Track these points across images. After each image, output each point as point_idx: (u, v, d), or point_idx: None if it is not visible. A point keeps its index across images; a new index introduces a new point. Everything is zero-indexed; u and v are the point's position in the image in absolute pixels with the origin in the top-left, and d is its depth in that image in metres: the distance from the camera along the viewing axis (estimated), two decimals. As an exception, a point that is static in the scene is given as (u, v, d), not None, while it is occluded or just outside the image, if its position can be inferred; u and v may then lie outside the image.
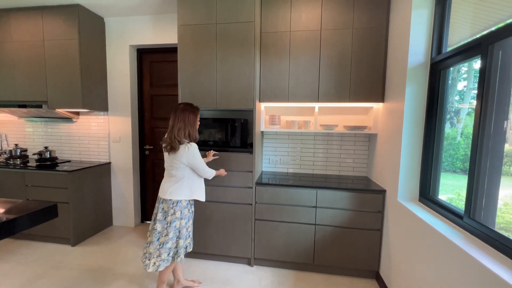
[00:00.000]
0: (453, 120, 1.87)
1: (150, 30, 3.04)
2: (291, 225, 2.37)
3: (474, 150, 1.36)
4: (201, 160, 1.92)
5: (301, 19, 2.41)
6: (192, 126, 1.88)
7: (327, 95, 2.44)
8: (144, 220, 3.54)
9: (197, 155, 1.88)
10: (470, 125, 1.77)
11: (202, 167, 1.93)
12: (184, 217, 1.90)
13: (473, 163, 1.36)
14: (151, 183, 3.47)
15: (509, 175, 1.69)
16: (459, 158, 1.84)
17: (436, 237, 1.47)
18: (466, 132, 1.81)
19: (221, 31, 2.32)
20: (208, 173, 2.00)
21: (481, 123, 1.32)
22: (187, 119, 1.86)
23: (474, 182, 1.36)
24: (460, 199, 1.88)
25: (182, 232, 1.90)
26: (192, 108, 1.92)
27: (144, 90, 3.35)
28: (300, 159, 2.90)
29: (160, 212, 1.87)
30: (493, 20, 1.49)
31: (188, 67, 2.41)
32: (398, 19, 2.07)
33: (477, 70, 1.80)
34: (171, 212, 1.86)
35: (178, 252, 1.90)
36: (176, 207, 1.87)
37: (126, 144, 3.25)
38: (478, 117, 1.34)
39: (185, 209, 1.91)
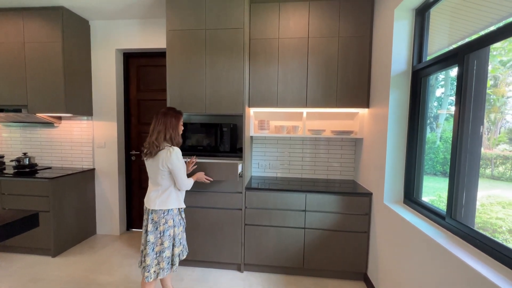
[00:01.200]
0: (432, 125, 1.96)
1: (137, 34, 3.00)
2: (281, 229, 2.38)
3: (454, 154, 1.43)
4: (181, 168, 1.79)
5: (289, 27, 2.47)
6: (174, 129, 1.81)
7: (315, 101, 2.50)
8: (130, 228, 3.43)
9: (176, 162, 1.76)
10: (448, 129, 1.87)
11: (181, 176, 1.80)
12: (177, 224, 1.85)
13: (453, 166, 1.44)
14: (138, 189, 3.38)
15: (485, 177, 1.81)
16: (439, 161, 1.93)
17: (420, 237, 1.52)
18: (444, 136, 1.90)
19: (210, 37, 2.33)
20: (186, 184, 1.86)
21: (460, 128, 1.40)
22: (168, 122, 1.79)
23: (455, 184, 1.44)
24: (441, 201, 1.97)
25: (176, 239, 1.84)
26: (175, 112, 1.86)
27: (131, 95, 3.29)
28: (289, 163, 2.93)
29: (150, 223, 1.78)
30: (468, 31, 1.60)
31: (177, 72, 2.39)
32: (381, 29, 2.17)
33: (453, 78, 1.90)
34: (162, 222, 1.78)
35: (173, 260, 1.84)
36: (167, 216, 1.79)
37: (111, 150, 3.16)
38: (456, 122, 1.42)
39: (176, 217, 1.86)
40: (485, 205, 1.59)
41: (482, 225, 1.52)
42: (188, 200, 2.43)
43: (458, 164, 1.42)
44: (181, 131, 1.89)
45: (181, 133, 1.89)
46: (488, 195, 1.57)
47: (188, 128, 2.54)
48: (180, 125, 1.88)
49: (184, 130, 2.50)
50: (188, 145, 2.54)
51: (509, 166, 1.44)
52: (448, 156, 1.86)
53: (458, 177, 1.42)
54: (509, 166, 1.44)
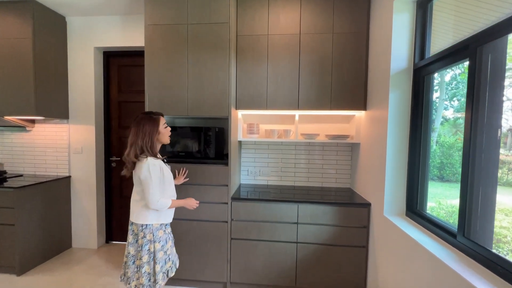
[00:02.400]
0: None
1: (118, 32, 2.79)
2: (271, 244, 2.15)
3: (466, 162, 1.23)
4: (152, 181, 1.54)
5: (279, 22, 2.28)
6: (148, 137, 1.59)
7: (308, 103, 2.30)
8: (110, 240, 3.16)
9: (146, 173, 1.53)
10: (442, 133, 1.75)
11: (150, 191, 1.54)
12: (158, 239, 1.63)
13: (465, 176, 1.24)
14: (118, 198, 3.13)
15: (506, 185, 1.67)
16: (436, 165, 1.76)
17: (427, 258, 1.31)
18: (440, 140, 1.76)
19: (193, 32, 2.13)
20: (155, 202, 1.56)
21: (473, 132, 1.21)
22: (141, 131, 1.58)
23: (468, 197, 1.23)
24: (441, 208, 1.80)
25: (158, 256, 1.62)
26: (150, 116, 1.64)
27: (111, 96, 3.06)
28: (281, 170, 2.72)
29: (131, 234, 1.67)
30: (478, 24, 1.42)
31: (156, 71, 2.18)
32: (379, 23, 1.99)
33: (448, 82, 1.76)
34: (141, 235, 1.62)
35: (156, 278, 1.62)
36: (146, 229, 1.62)
37: (89, 156, 2.92)
38: (468, 125, 1.22)
39: (158, 231, 1.65)
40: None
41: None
42: (168, 212, 2.20)
43: (472, 173, 1.22)
44: (164, 135, 1.69)
45: (168, 136, 1.73)
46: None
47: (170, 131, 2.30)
48: (158, 129, 1.64)
49: (164, 135, 2.29)
50: (168, 151, 2.31)
51: (506, 171, 1.38)
52: (445, 160, 1.71)
53: (472, 188, 1.22)
54: (506, 170, 1.38)
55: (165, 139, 1.71)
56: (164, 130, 1.68)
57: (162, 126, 1.67)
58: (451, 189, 1.74)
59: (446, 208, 1.79)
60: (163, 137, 1.69)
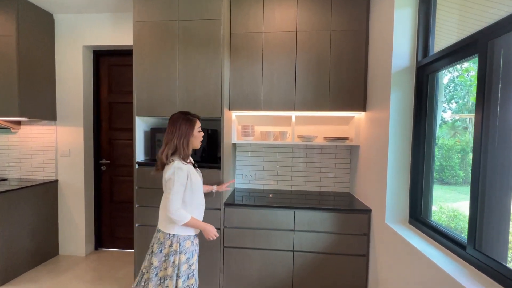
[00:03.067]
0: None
1: (108, 30, 2.69)
2: (266, 252, 2.03)
3: (477, 166, 1.13)
4: (174, 186, 1.44)
5: (275, 19, 2.18)
6: (184, 138, 1.51)
7: (305, 103, 2.20)
8: (99, 247, 3.03)
9: (170, 176, 1.45)
10: (441, 136, 1.68)
11: (170, 196, 1.44)
12: (184, 250, 1.52)
13: (476, 181, 1.13)
14: (109, 203, 3.00)
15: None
16: (435, 168, 1.66)
17: (433, 271, 1.20)
18: (439, 143, 1.68)
19: (184, 29, 2.03)
20: (175, 211, 1.44)
21: (484, 134, 1.10)
22: (178, 130, 1.51)
23: (479, 206, 1.12)
24: (442, 212, 1.73)
25: (182, 269, 1.50)
26: (187, 117, 1.57)
27: (101, 97, 2.95)
28: (277, 174, 2.60)
29: (156, 243, 1.55)
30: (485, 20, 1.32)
31: (145, 70, 2.07)
32: (380, 20, 1.89)
33: (446, 84, 1.68)
34: (168, 244, 1.52)
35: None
36: (173, 238, 1.51)
37: (77, 159, 2.79)
38: (479, 126, 1.12)
39: (185, 241, 1.53)
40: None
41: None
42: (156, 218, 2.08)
43: (483, 179, 1.11)
44: (196, 139, 1.61)
45: (200, 141, 1.64)
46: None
47: (158, 136, 2.20)
48: (195, 132, 1.57)
49: (153, 137, 2.18)
50: (158, 154, 2.19)
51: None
52: (444, 163, 1.64)
53: (483, 196, 1.11)
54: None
55: (197, 144, 1.62)
56: (198, 134, 1.60)
57: (197, 129, 1.59)
58: (450, 191, 1.69)
59: (447, 212, 1.72)
60: (196, 141, 1.60)
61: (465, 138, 1.74)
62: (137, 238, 2.14)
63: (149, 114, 2.10)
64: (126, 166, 2.91)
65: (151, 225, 2.12)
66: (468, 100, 1.77)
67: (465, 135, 1.74)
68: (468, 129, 1.75)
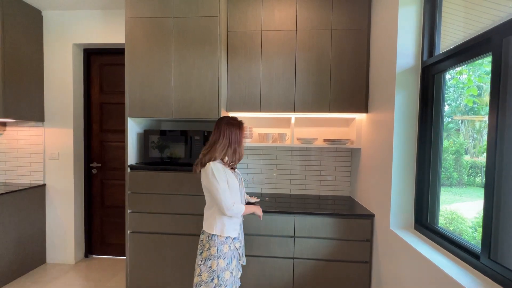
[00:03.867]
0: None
1: (99, 27, 2.58)
2: (265, 259, 1.95)
3: (492, 170, 1.06)
4: (219, 184, 1.41)
5: (274, 18, 2.11)
6: (237, 144, 1.52)
7: (305, 105, 2.13)
8: (90, 254, 2.90)
9: (211, 178, 1.42)
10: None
11: (219, 196, 1.41)
12: (222, 255, 1.45)
13: (490, 186, 1.07)
14: (100, 208, 2.88)
15: (475, 186, 1.63)
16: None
17: (444, 282, 1.13)
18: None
19: (178, 27, 1.94)
20: (229, 207, 1.42)
21: (499, 136, 1.04)
22: (234, 135, 1.51)
23: (494, 212, 1.06)
24: (440, 215, 1.68)
25: (223, 277, 1.43)
26: (239, 123, 1.57)
27: (92, 98, 2.83)
28: (276, 177, 2.52)
29: (199, 244, 1.56)
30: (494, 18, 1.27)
31: (138, 69, 1.98)
32: (383, 18, 1.84)
33: (449, 85, 1.65)
34: (206, 247, 1.48)
35: None
36: (211, 241, 1.46)
37: (66, 162, 2.67)
38: (494, 128, 1.06)
39: (223, 245, 1.46)
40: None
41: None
42: (148, 224, 1.99)
43: (498, 183, 1.04)
44: (243, 148, 1.60)
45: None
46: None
47: (151, 138, 2.10)
48: (243, 137, 1.60)
49: (146, 140, 2.08)
50: (151, 157, 2.09)
51: None
52: (445, 164, 1.60)
53: (499, 202, 1.05)
54: None
55: (243, 152, 1.59)
56: (244, 141, 1.60)
57: (243, 135, 1.59)
58: (446, 193, 1.66)
59: (445, 215, 1.69)
60: (242, 150, 1.58)
61: (458, 140, 1.72)
62: (129, 245, 2.03)
63: (142, 115, 2.00)
64: (118, 170, 2.79)
65: (144, 232, 2.02)
66: (460, 102, 1.74)
67: (459, 137, 1.72)
68: (461, 131, 1.73)
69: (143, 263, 2.03)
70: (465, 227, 1.73)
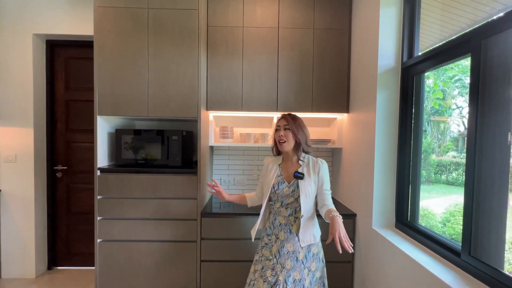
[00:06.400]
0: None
1: (64, 17, 2.35)
2: (247, 264, 1.87)
3: (471, 169, 1.08)
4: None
5: (256, 14, 2.05)
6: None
7: (287, 104, 2.09)
8: (53, 265, 2.63)
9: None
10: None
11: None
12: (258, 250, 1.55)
13: (470, 185, 1.09)
14: (65, 214, 2.63)
15: (441, 183, 1.76)
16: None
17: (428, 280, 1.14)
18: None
19: (154, 19, 1.81)
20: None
21: (478, 136, 1.06)
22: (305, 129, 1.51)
23: (473, 210, 1.08)
24: (424, 214, 1.74)
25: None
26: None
27: (56, 94, 2.57)
28: (258, 178, 2.46)
29: None
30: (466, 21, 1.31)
31: (108, 63, 1.81)
32: (363, 18, 1.85)
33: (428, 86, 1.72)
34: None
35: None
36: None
37: (25, 165, 2.40)
38: (473, 129, 1.08)
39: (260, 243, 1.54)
40: (454, 214, 1.55)
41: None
42: (120, 232, 1.84)
43: (478, 183, 1.07)
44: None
45: (279, 142, 1.46)
46: (455, 203, 1.57)
47: (124, 138, 1.94)
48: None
49: (118, 140, 1.93)
50: (124, 158, 1.94)
51: (461, 172, 1.47)
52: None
53: (478, 200, 1.07)
54: (461, 172, 1.49)
55: (278, 144, 1.50)
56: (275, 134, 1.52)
57: (274, 129, 1.52)
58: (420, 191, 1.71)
59: (430, 214, 1.76)
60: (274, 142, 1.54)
61: (426, 140, 1.79)
62: (99, 254, 1.85)
63: (113, 113, 1.84)
64: (87, 173, 2.57)
65: (116, 240, 1.85)
66: (428, 104, 1.82)
67: (426, 137, 1.80)
68: (427, 132, 1.81)
69: (114, 273, 1.87)
70: (435, 223, 1.80)
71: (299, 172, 1.39)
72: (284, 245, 1.38)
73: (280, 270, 1.34)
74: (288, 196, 1.41)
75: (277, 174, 1.45)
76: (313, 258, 1.40)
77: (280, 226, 1.42)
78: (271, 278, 1.34)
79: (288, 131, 1.40)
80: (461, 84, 1.65)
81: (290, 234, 1.39)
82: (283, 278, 1.32)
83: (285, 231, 1.40)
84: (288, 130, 1.40)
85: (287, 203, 1.43)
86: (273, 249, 1.41)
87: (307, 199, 1.37)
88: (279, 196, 1.43)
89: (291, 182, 1.41)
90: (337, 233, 1.18)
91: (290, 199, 1.41)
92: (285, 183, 1.42)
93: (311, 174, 1.39)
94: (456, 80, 1.74)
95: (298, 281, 1.33)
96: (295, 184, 1.40)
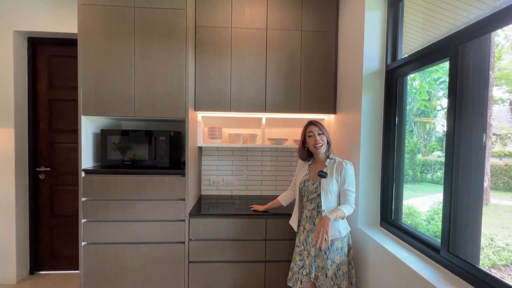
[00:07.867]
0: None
1: (47, 14, 2.28)
2: (236, 265, 1.88)
3: (449, 170, 1.13)
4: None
5: (244, 15, 2.05)
6: (302, 140, 1.71)
7: (276, 105, 2.11)
8: (36, 270, 2.55)
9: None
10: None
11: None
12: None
13: (449, 185, 1.13)
14: (48, 217, 2.55)
15: (426, 182, 1.88)
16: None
17: (410, 276, 1.18)
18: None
19: (141, 17, 1.79)
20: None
21: (456, 137, 1.11)
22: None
23: (451, 209, 1.13)
24: (410, 212, 1.79)
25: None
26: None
27: (39, 93, 2.49)
28: (247, 178, 2.47)
29: None
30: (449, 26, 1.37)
31: (93, 61, 1.78)
32: (349, 21, 1.89)
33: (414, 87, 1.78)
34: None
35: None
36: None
37: (5, 166, 2.31)
38: (451, 130, 1.12)
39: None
40: (438, 212, 1.63)
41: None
42: (105, 234, 1.80)
43: (456, 182, 1.11)
44: (308, 144, 1.62)
45: (314, 146, 1.58)
46: (440, 201, 1.51)
47: (111, 138, 1.91)
48: (307, 137, 1.64)
49: (104, 140, 1.89)
50: (110, 159, 1.90)
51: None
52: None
53: (456, 199, 1.11)
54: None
55: (310, 147, 1.64)
56: (307, 139, 1.62)
57: (307, 134, 1.63)
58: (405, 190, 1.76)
59: (403, 210, 1.77)
60: (308, 145, 1.65)
61: (412, 140, 1.85)
62: (83, 258, 1.81)
63: (98, 113, 1.80)
64: (71, 174, 2.50)
65: (102, 242, 1.82)
66: (414, 105, 1.88)
67: (413, 137, 1.86)
68: (414, 132, 1.87)
69: (100, 277, 1.83)
70: (420, 221, 1.86)
71: (322, 172, 1.54)
72: (309, 235, 1.56)
73: (306, 256, 1.55)
74: (312, 192, 1.57)
75: (306, 173, 1.64)
76: (336, 252, 1.50)
77: (306, 218, 1.60)
78: (300, 262, 1.58)
79: (322, 135, 1.57)
80: (445, 86, 1.71)
81: (313, 226, 1.56)
82: (309, 263, 1.53)
83: (309, 223, 1.58)
84: (322, 135, 1.57)
85: (311, 198, 1.58)
86: (301, 237, 1.61)
87: (328, 196, 1.50)
88: (305, 191, 1.60)
89: (315, 180, 1.56)
90: (316, 231, 1.40)
91: (313, 194, 1.56)
92: (310, 181, 1.59)
93: (334, 173, 1.53)
94: (441, 82, 1.81)
95: (321, 268, 1.50)
96: (318, 182, 1.55)
